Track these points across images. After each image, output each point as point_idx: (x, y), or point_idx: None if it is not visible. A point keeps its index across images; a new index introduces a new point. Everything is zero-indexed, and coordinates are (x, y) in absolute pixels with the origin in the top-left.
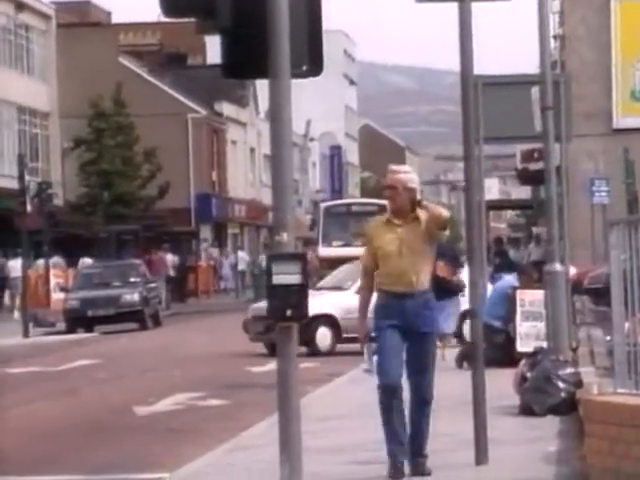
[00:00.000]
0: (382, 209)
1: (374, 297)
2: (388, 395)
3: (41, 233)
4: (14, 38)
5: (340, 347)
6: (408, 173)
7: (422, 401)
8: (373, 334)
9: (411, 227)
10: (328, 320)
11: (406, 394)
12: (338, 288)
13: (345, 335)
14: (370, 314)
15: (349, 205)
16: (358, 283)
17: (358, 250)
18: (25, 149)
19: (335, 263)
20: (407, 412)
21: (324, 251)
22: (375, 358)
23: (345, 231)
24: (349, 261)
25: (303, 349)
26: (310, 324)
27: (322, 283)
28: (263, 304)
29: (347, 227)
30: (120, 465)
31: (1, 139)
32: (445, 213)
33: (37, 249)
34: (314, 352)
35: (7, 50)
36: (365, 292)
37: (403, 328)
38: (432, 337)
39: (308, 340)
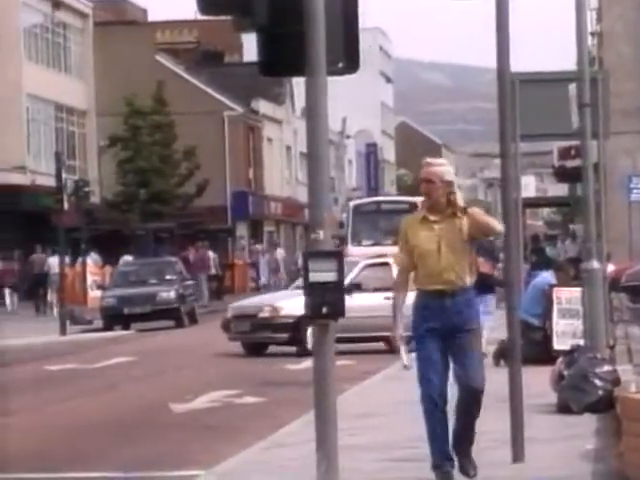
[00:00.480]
0: (413, 207)
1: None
2: (432, 405)
3: (78, 231)
4: (51, 36)
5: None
6: (444, 165)
7: (474, 391)
8: (409, 333)
9: (449, 223)
10: None
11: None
12: None
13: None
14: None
15: (379, 203)
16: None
17: (387, 249)
18: (62, 147)
19: None
20: (454, 413)
21: (353, 250)
22: (413, 355)
23: (375, 230)
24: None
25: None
26: (299, 324)
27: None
28: (243, 302)
29: (377, 226)
30: (156, 462)
31: (39, 137)
32: (499, 227)
33: (74, 246)
34: (304, 352)
35: (45, 48)
36: (400, 292)
37: (444, 329)
38: (475, 333)
39: (299, 340)
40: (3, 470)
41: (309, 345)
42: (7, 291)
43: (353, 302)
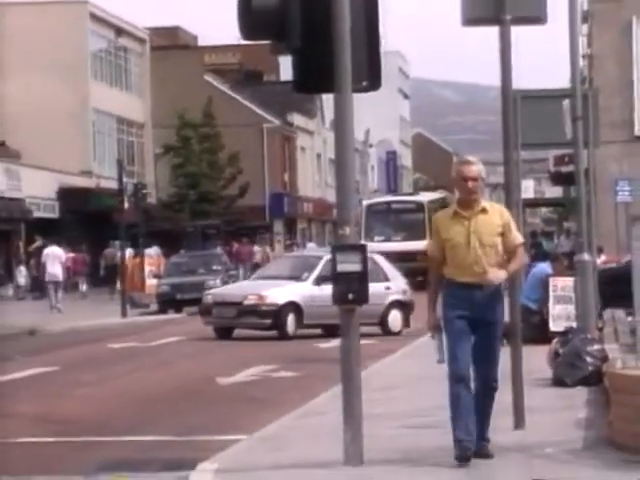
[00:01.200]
0: (419, 206)
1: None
2: (458, 383)
3: (136, 227)
4: (114, 59)
5: (301, 332)
6: (480, 163)
7: (489, 389)
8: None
9: (480, 218)
10: (295, 307)
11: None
12: (295, 278)
13: (306, 322)
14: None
15: (389, 203)
16: (314, 274)
17: (397, 245)
18: (123, 154)
19: None
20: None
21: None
22: (445, 347)
23: (385, 227)
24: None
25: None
26: (280, 311)
27: (262, 272)
28: (223, 291)
29: (387, 223)
30: (205, 428)
31: (103, 146)
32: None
33: (133, 241)
34: (285, 336)
35: (108, 70)
36: (434, 284)
37: (471, 318)
38: (499, 327)
39: (279, 324)
40: (79, 434)
41: (289, 330)
42: (80, 279)
43: (323, 292)
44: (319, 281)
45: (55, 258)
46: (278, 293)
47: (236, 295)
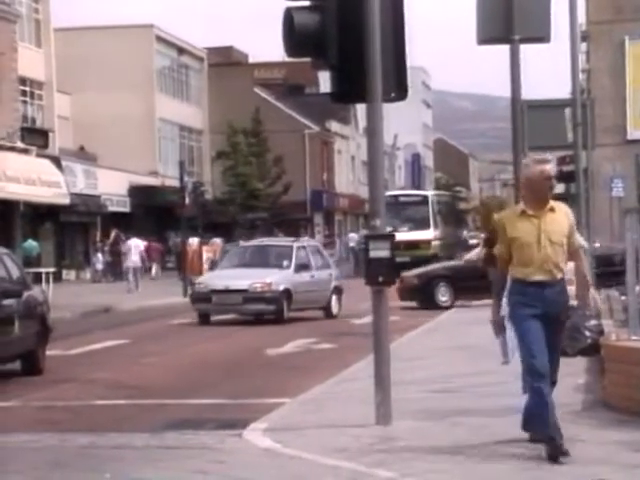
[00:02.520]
0: (424, 199)
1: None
2: (540, 379)
3: (195, 220)
4: (177, 75)
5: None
6: (551, 161)
7: (552, 383)
8: (507, 322)
9: (549, 217)
10: (288, 294)
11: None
12: (275, 266)
13: (292, 307)
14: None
15: (397, 196)
16: (293, 263)
17: (404, 234)
18: (184, 157)
19: None
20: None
21: None
22: (510, 346)
23: (393, 218)
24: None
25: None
26: (280, 297)
27: (232, 260)
28: (210, 277)
29: (395, 215)
30: (255, 392)
31: (167, 150)
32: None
33: (192, 232)
34: (283, 320)
35: (172, 84)
36: (500, 283)
37: (542, 316)
38: (564, 324)
39: (279, 310)
40: (146, 397)
41: (285, 314)
42: (154, 264)
43: (302, 279)
44: (298, 269)
45: (136, 248)
46: (278, 280)
47: (240, 283)
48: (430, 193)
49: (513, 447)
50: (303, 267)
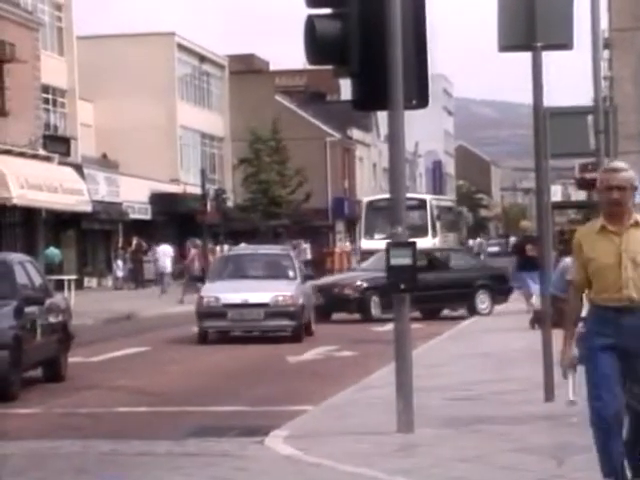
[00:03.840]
0: (422, 203)
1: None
2: (604, 426)
3: (217, 227)
4: (198, 82)
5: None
6: (629, 170)
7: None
8: (578, 356)
9: (632, 234)
10: (302, 307)
11: None
12: (280, 277)
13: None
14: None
15: (390, 199)
16: (298, 273)
17: None
18: (206, 164)
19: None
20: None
21: (366, 244)
22: (573, 378)
23: (387, 224)
24: None
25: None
26: (300, 311)
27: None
28: (214, 290)
29: (389, 220)
30: (277, 399)
31: (189, 157)
32: None
33: (214, 238)
34: (298, 338)
35: (193, 91)
36: (573, 311)
37: (619, 348)
38: None
39: (299, 325)
40: (168, 404)
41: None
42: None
43: (308, 290)
44: (305, 279)
45: (166, 254)
46: (297, 293)
47: (260, 296)
48: (429, 197)
49: (534, 455)
50: (309, 277)
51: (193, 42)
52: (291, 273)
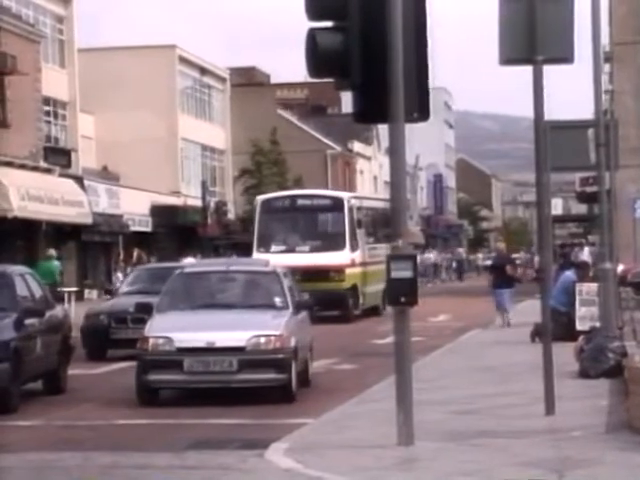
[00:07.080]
0: (338, 202)
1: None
2: None
3: (218, 239)
4: (199, 95)
5: None
6: None
7: None
8: None
9: None
10: (295, 349)
11: None
12: (265, 306)
13: None
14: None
15: (294, 198)
16: (289, 299)
17: (304, 257)
18: (206, 177)
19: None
20: None
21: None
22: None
23: (288, 232)
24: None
25: None
26: (291, 360)
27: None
28: (168, 327)
29: (291, 227)
30: (276, 412)
31: (189, 169)
32: None
33: (215, 251)
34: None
35: (194, 104)
36: None
37: None
38: None
39: (290, 378)
40: (168, 417)
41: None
42: None
43: (300, 322)
44: (299, 308)
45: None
46: (287, 331)
47: (231, 336)
48: (347, 195)
49: (535, 469)
50: (304, 305)
51: (194, 55)
52: (278, 300)
